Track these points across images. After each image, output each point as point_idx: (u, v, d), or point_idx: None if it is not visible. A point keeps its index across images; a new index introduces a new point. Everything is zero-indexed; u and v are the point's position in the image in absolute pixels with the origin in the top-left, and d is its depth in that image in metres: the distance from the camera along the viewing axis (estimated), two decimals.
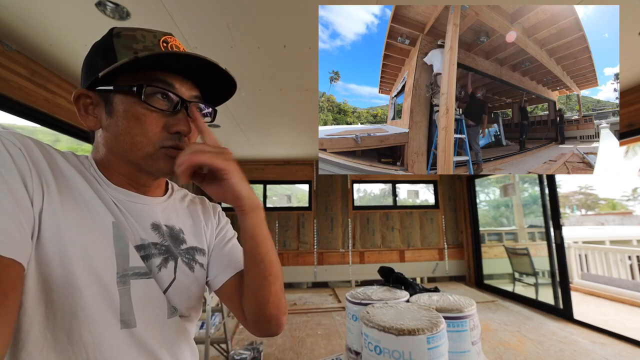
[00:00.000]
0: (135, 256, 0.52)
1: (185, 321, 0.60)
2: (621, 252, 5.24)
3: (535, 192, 5.50)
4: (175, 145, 0.53)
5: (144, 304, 0.52)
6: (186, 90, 0.54)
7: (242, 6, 1.62)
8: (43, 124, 2.30)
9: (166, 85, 0.52)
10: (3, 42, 1.88)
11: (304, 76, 2.41)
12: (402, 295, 0.98)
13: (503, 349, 2.78)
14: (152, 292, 0.53)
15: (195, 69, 0.53)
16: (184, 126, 0.52)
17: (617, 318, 3.69)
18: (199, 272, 0.63)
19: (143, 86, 0.50)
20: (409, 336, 0.68)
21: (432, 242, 5.70)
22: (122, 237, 0.50)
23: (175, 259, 0.59)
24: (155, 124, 0.52)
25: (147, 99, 0.51)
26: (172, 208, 0.64)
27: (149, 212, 0.59)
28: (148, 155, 0.52)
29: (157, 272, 0.55)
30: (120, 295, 0.49)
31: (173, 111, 0.53)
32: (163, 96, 0.52)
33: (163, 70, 0.53)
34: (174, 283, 0.57)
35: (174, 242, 0.60)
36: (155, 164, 0.53)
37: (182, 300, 0.59)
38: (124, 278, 0.49)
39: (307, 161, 5.67)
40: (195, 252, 0.63)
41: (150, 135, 0.51)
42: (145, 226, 0.57)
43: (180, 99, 0.53)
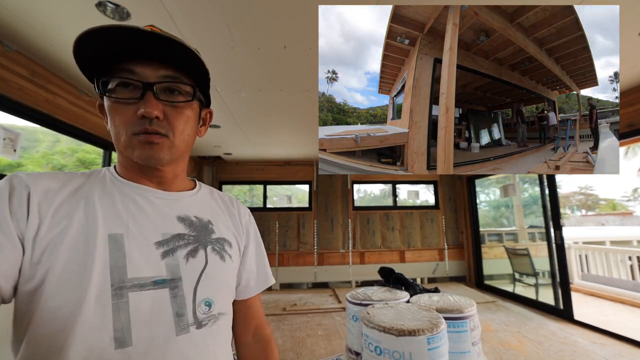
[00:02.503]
0: (136, 266, 0.49)
1: (221, 323, 0.56)
2: (621, 253, 5.24)
3: (536, 192, 5.50)
4: (144, 130, 0.51)
5: (146, 319, 0.47)
6: (151, 71, 0.52)
7: (242, 7, 1.62)
8: (43, 125, 2.30)
9: (127, 73, 0.51)
10: (3, 42, 1.88)
11: (304, 77, 2.40)
12: (402, 296, 0.98)
13: (503, 350, 2.77)
14: (157, 305, 0.49)
15: (158, 46, 0.51)
16: (146, 108, 0.50)
17: (618, 318, 3.68)
18: (229, 263, 0.61)
19: (99, 81, 0.51)
20: (410, 337, 0.68)
21: (432, 242, 5.69)
22: (119, 247, 0.49)
23: (204, 247, 0.57)
24: (125, 113, 0.51)
25: (111, 93, 0.52)
26: (200, 201, 0.65)
27: (174, 206, 0.59)
28: (125, 144, 0.52)
29: (184, 263, 0.53)
30: (113, 310, 0.45)
31: (141, 97, 0.51)
32: (125, 86, 0.51)
33: (128, 59, 0.51)
34: (206, 269, 0.55)
35: (204, 232, 0.59)
36: (134, 152, 0.52)
37: (216, 288, 0.56)
38: (121, 291, 0.46)
39: (307, 161, 5.67)
40: (224, 243, 0.62)
41: (123, 124, 0.51)
42: (170, 219, 0.56)
43: (142, 83, 0.51)
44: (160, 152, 0.53)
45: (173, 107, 0.54)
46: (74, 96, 2.47)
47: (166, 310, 0.49)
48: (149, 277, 0.49)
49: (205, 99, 0.64)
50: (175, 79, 0.54)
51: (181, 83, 0.55)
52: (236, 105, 2.96)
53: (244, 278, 0.69)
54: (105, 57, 0.51)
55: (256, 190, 6.81)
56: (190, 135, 0.59)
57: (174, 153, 0.56)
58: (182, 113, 0.55)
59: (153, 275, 0.50)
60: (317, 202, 5.61)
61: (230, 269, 0.62)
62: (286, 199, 5.90)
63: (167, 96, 0.54)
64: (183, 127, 0.56)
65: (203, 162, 5.54)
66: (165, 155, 0.54)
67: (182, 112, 0.55)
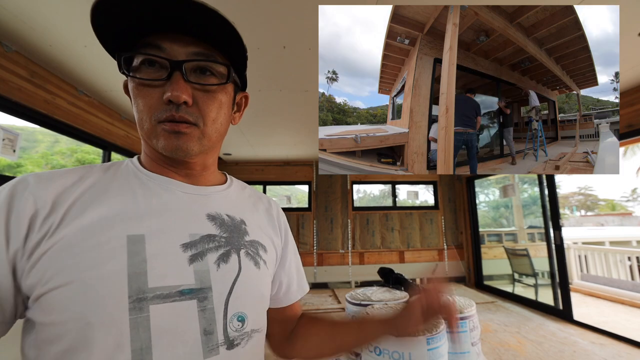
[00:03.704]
0: (159, 273, 0.41)
1: (255, 342, 0.48)
2: (621, 253, 5.24)
3: (535, 192, 5.50)
4: (170, 117, 0.44)
5: (170, 336, 0.40)
6: (180, 47, 0.45)
7: (241, 7, 1.62)
8: (42, 125, 2.30)
9: (153, 48, 0.44)
10: (3, 43, 1.88)
11: (304, 77, 2.40)
12: (401, 296, 0.98)
13: (503, 350, 2.77)
14: (183, 320, 0.41)
15: (188, 16, 0.43)
16: (174, 91, 0.43)
17: (617, 319, 3.68)
18: (264, 271, 0.53)
19: (121, 57, 0.44)
20: (409, 337, 0.68)
21: (431, 243, 5.69)
22: (139, 251, 0.41)
23: (237, 251, 0.49)
24: (150, 96, 0.44)
25: (134, 72, 0.45)
26: (232, 197, 0.57)
27: (204, 202, 0.52)
28: (149, 132, 0.46)
29: (215, 269, 0.45)
30: (131, 326, 0.38)
31: (168, 78, 0.44)
32: (149, 64, 0.44)
33: (155, 32, 0.44)
34: (239, 278, 0.47)
35: (237, 233, 0.51)
36: (158, 142, 0.45)
37: (251, 300, 0.48)
38: (140, 303, 0.39)
39: (307, 162, 5.67)
40: (259, 246, 0.54)
41: (147, 109, 0.45)
42: (199, 218, 0.49)
43: (169, 61, 0.44)
44: (188, 143, 0.46)
45: (204, 91, 0.46)
46: (73, 96, 2.47)
47: (192, 326, 0.41)
48: (174, 286, 0.41)
49: (241, 81, 0.56)
50: (208, 57, 0.46)
51: (214, 62, 0.47)
52: None
53: (284, 283, 0.61)
54: (128, 29, 0.43)
55: None
56: (223, 124, 0.51)
57: (205, 144, 0.48)
58: (215, 98, 0.48)
59: (179, 283, 0.42)
60: (316, 202, 5.61)
61: (265, 277, 0.53)
62: (286, 199, 5.90)
63: (198, 77, 0.46)
64: (216, 115, 0.48)
65: None
66: (195, 147, 0.47)
67: (215, 96, 0.48)
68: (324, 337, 0.62)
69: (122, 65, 0.44)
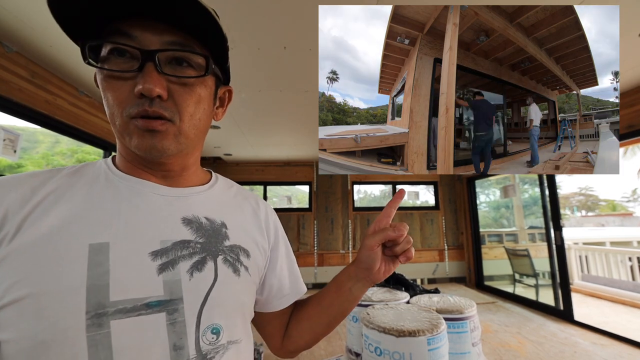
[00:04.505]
0: (123, 285, 0.38)
1: (231, 355, 0.44)
2: (621, 254, 5.23)
3: (536, 193, 5.49)
4: (142, 112, 0.40)
5: (134, 353, 0.36)
6: (153, 36, 0.40)
7: (242, 7, 1.62)
8: (43, 126, 2.30)
9: (122, 37, 0.39)
10: (3, 43, 1.88)
11: (304, 77, 2.40)
12: (402, 297, 0.98)
13: (503, 350, 2.76)
14: (150, 335, 0.38)
15: (165, 2, 0.38)
16: (145, 84, 0.38)
17: (618, 319, 3.68)
18: (244, 277, 0.49)
19: (85, 46, 0.40)
20: (410, 337, 0.68)
21: (432, 243, 5.69)
22: (101, 262, 0.37)
23: (214, 257, 0.46)
24: (120, 89, 0.40)
25: (102, 62, 0.40)
26: (214, 199, 0.53)
27: (179, 204, 0.48)
28: (121, 129, 0.42)
29: (187, 279, 0.42)
30: (88, 345, 0.34)
31: (139, 70, 0.40)
32: (119, 53, 0.40)
33: (123, 18, 0.40)
34: (215, 287, 0.44)
35: (215, 238, 0.47)
36: (131, 141, 0.41)
37: (227, 312, 0.44)
38: (100, 319, 0.35)
39: (307, 162, 5.67)
40: (239, 251, 0.50)
41: (117, 104, 0.40)
42: (173, 222, 0.45)
43: (140, 50, 0.39)
44: (164, 142, 0.42)
45: (181, 84, 0.42)
46: (73, 97, 2.47)
47: (161, 342, 0.38)
48: (139, 299, 0.38)
49: (223, 74, 0.52)
50: (185, 47, 0.42)
51: (191, 52, 0.43)
52: (236, 106, 2.96)
53: (275, 286, 0.58)
54: (91, 11, 0.39)
55: (256, 191, 6.81)
56: (203, 120, 0.47)
57: (182, 142, 0.44)
58: (193, 91, 0.44)
59: (145, 295, 0.38)
60: (317, 202, 5.61)
61: (246, 284, 0.49)
62: (286, 199, 5.90)
63: (174, 69, 0.42)
64: (193, 110, 0.44)
65: (203, 163, 5.53)
66: (171, 146, 0.43)
67: (193, 90, 0.44)
68: (313, 317, 0.61)
69: (86, 54, 0.40)
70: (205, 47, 0.45)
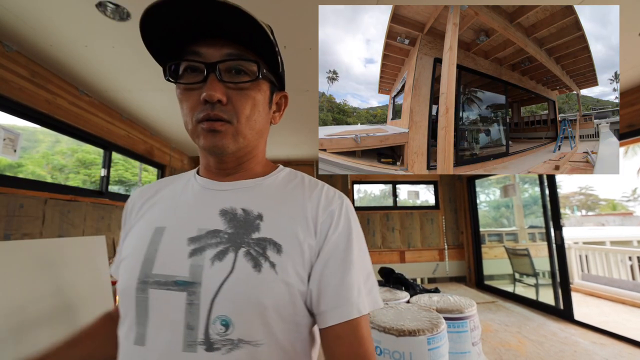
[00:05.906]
0: (162, 262, 0.46)
1: (241, 355, 0.41)
2: (621, 253, 5.23)
3: (536, 192, 5.50)
4: (206, 116, 0.47)
5: (160, 321, 0.43)
6: (215, 50, 0.47)
7: (241, 7, 1.62)
8: (43, 125, 2.30)
9: (192, 55, 0.48)
10: (3, 42, 1.88)
11: (304, 77, 2.41)
12: (402, 296, 0.98)
13: (503, 350, 2.77)
14: (172, 309, 0.43)
15: (228, 22, 0.46)
16: (208, 91, 0.45)
17: (618, 319, 3.68)
18: (267, 275, 0.44)
19: (165, 66, 0.49)
20: (410, 337, 0.68)
21: (432, 242, 5.69)
22: (157, 241, 0.48)
23: (236, 250, 0.45)
24: (191, 98, 0.48)
25: (179, 79, 0.49)
26: (259, 190, 0.54)
27: (221, 196, 0.52)
28: (192, 133, 0.49)
29: (209, 266, 0.44)
30: (136, 303, 0.45)
31: (204, 80, 0.47)
32: (191, 70, 0.48)
33: (195, 41, 0.48)
34: (229, 279, 0.43)
35: (244, 229, 0.47)
36: (199, 141, 0.49)
37: (239, 307, 0.42)
38: (144, 285, 0.45)
39: (307, 162, 5.67)
40: (268, 245, 0.46)
41: (189, 111, 0.48)
42: (211, 213, 0.50)
43: (204, 64, 0.47)
44: (223, 140, 0.48)
45: (238, 90, 0.49)
46: (74, 96, 2.47)
47: (179, 317, 0.42)
48: (170, 276, 0.45)
49: (277, 81, 0.57)
50: (238, 57, 0.48)
51: (244, 60, 0.48)
52: None
53: (314, 295, 0.47)
54: (171, 37, 0.47)
55: None
56: (259, 122, 0.52)
57: (240, 142, 0.50)
58: (248, 95, 0.49)
59: (175, 274, 0.45)
60: None
61: (270, 282, 0.44)
62: None
63: (231, 77, 0.48)
64: (249, 112, 0.50)
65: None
66: (230, 144, 0.49)
67: (248, 94, 0.49)
68: None
69: (167, 73, 0.49)
70: (257, 56, 0.51)
